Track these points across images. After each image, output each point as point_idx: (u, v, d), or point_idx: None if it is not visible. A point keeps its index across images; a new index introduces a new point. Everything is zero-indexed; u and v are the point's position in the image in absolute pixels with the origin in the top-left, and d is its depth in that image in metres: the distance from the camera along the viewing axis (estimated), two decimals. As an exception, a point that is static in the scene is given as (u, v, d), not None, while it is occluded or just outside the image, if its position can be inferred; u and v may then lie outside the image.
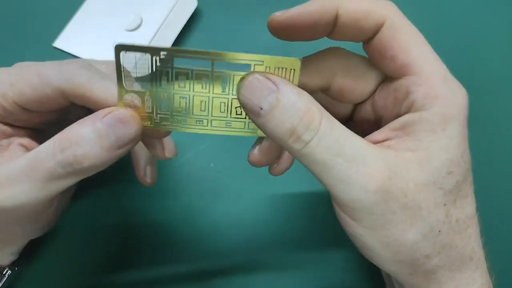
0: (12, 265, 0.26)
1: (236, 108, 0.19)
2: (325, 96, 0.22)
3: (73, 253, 0.30)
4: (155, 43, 0.36)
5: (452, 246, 0.19)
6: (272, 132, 0.18)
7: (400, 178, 0.18)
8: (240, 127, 0.20)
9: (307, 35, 0.19)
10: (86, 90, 0.20)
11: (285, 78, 0.18)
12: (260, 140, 0.22)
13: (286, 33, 0.19)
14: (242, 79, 0.18)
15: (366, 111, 0.22)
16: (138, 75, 0.19)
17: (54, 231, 0.30)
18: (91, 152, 0.18)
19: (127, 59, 0.18)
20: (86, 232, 0.30)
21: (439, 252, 0.19)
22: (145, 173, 0.25)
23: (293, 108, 0.17)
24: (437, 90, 0.18)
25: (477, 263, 0.20)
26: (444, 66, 0.19)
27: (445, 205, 0.18)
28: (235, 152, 0.23)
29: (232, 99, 0.19)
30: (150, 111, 0.19)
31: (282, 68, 0.18)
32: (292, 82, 0.18)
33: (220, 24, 0.39)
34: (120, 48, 0.18)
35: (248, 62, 0.18)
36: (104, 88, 0.20)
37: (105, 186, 0.32)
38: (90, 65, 0.21)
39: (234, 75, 0.19)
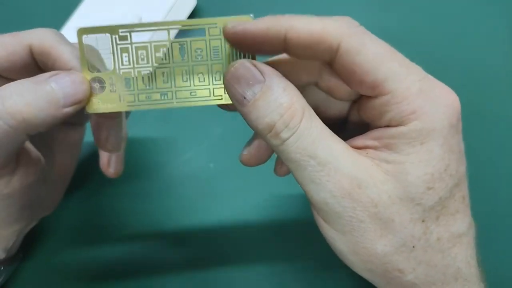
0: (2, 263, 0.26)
1: (198, 75, 0.19)
2: (321, 92, 0.21)
3: (71, 253, 0.30)
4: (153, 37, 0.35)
5: (431, 265, 0.18)
6: (252, 123, 0.18)
7: (372, 187, 0.17)
8: (205, 96, 0.19)
9: (261, 50, 0.19)
10: (53, 48, 0.21)
11: None
12: (249, 142, 0.22)
13: (240, 46, 0.19)
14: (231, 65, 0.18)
15: (357, 111, 0.21)
16: (102, 56, 0.19)
17: (52, 230, 0.30)
18: (34, 102, 0.18)
19: (89, 42, 0.19)
20: (83, 231, 0.30)
21: (415, 268, 0.18)
22: (110, 163, 0.25)
23: (276, 103, 0.17)
24: (413, 105, 0.17)
25: (463, 283, 0.19)
26: (420, 75, 0.18)
27: (423, 221, 0.18)
28: (235, 152, 0.23)
29: (193, 65, 0.19)
30: (116, 91, 0.19)
31: None
32: None
33: (220, 23, 0.39)
34: (82, 32, 0.19)
35: (202, 27, 0.19)
36: (70, 51, 0.21)
37: (103, 186, 0.32)
38: (62, 34, 0.22)
39: (191, 41, 0.19)
